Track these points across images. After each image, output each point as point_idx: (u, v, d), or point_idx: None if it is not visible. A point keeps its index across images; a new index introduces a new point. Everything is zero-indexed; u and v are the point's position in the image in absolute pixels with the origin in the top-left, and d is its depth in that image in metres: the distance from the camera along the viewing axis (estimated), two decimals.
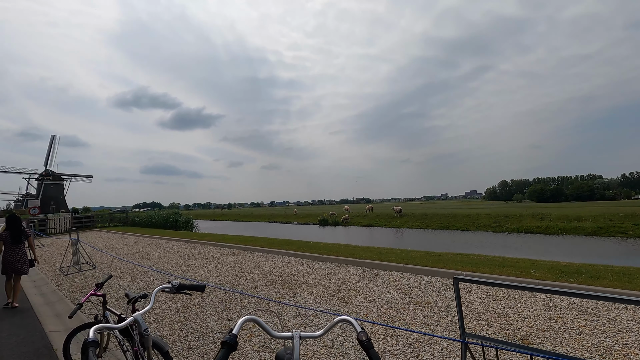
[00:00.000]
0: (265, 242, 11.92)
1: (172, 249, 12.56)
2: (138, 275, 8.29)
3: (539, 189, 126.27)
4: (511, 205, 68.18)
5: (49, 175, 40.64)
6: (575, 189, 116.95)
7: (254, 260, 9.30)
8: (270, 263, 8.83)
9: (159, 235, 16.83)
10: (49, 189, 40.74)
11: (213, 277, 7.63)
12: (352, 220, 33.17)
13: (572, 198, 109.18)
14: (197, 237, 14.63)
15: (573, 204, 54.34)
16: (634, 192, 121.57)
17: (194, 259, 10.17)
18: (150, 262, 10.04)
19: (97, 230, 23.85)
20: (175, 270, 8.59)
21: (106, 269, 9.32)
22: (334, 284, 6.47)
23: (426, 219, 28.14)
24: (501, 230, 22.07)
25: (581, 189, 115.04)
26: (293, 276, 7.28)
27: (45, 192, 40.11)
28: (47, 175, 40.50)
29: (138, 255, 11.52)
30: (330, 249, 9.72)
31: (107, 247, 14.23)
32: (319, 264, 8.34)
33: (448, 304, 4.90)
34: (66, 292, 7.26)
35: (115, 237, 18.50)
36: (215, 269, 8.49)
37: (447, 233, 23.18)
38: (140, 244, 14.48)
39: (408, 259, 7.69)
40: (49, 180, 40.60)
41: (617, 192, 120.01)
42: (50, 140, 40.93)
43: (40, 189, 40.11)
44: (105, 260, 10.84)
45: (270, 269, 8.17)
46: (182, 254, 11.10)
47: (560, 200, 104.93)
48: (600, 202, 75.55)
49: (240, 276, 7.58)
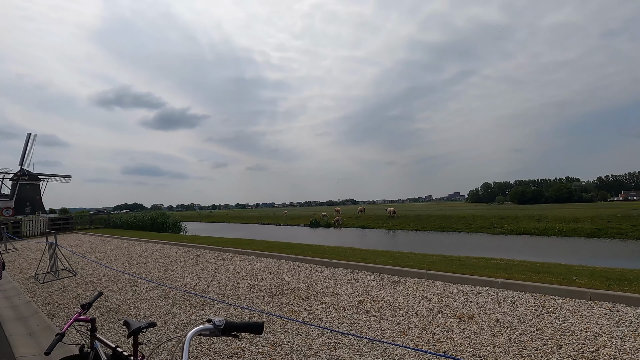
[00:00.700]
0: (264, 246, 11.09)
1: (160, 253, 11.58)
2: (125, 284, 7.36)
3: (520, 191, 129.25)
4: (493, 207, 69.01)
5: (24, 175, 38.62)
6: (555, 191, 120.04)
7: (255, 266, 8.48)
8: (274, 269, 8.03)
9: (145, 238, 15.72)
10: (25, 189, 38.72)
11: (212, 286, 6.79)
12: (345, 222, 32.53)
13: (552, 200, 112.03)
14: (187, 240, 13.65)
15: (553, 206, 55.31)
16: (609, 195, 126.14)
17: (186, 264, 9.26)
18: (138, 268, 9.08)
19: (77, 232, 22.39)
20: (167, 278, 7.69)
21: (88, 277, 8.33)
22: (352, 293, 5.75)
23: (421, 221, 27.78)
24: (498, 232, 21.85)
25: (560, 191, 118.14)
26: (304, 284, 6.52)
27: (21, 193, 38.08)
28: (22, 175, 38.47)
29: (123, 260, 10.51)
30: (338, 253, 9.00)
31: (87, 251, 13.10)
32: (329, 270, 7.60)
33: (497, 319, 4.25)
34: (42, 305, 6.29)
35: (97, 240, 17.26)
36: (213, 276, 7.63)
37: (445, 235, 22.78)
38: (124, 248, 13.39)
39: (428, 264, 7.05)
40: (25, 181, 38.58)
41: (594, 194, 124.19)
42: (26, 139, 38.97)
43: (15, 189, 38.02)
44: (87, 266, 9.80)
45: (275, 275, 7.38)
46: (173, 259, 10.16)
47: (541, 202, 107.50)
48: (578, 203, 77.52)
49: (243, 284, 6.77)
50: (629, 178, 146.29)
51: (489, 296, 5.12)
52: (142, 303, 5.93)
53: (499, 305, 4.74)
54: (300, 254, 9.08)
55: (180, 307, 5.60)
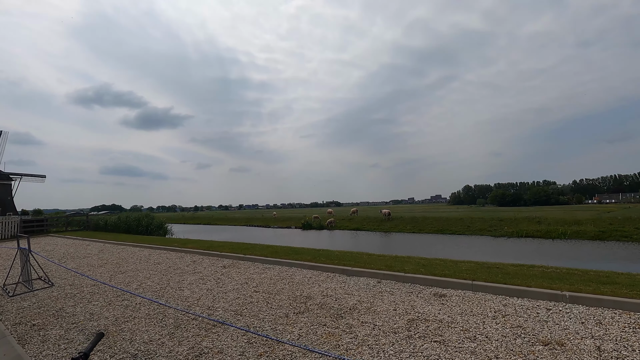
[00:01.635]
0: (268, 251, 10.06)
1: (150, 259, 10.37)
2: (113, 298, 6.22)
3: (500, 194, 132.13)
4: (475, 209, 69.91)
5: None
6: (533, 194, 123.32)
7: (264, 275, 7.46)
8: (288, 278, 7.04)
9: (130, 242, 14.38)
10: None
11: (219, 300, 5.75)
12: (337, 224, 31.60)
13: (531, 202, 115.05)
14: (179, 244, 12.43)
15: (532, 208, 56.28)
16: (584, 197, 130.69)
17: (183, 272, 8.15)
18: (126, 277, 7.90)
19: (52, 235, 20.62)
20: (163, 290, 6.58)
21: (67, 288, 7.11)
22: (394, 309, 4.86)
23: (417, 223, 27.16)
24: (499, 235, 21.42)
25: (538, 194, 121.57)
26: (330, 298, 5.57)
27: None
28: None
29: (107, 267, 9.26)
30: (355, 259, 8.09)
31: (65, 257, 11.71)
32: (353, 280, 6.67)
33: (597, 346, 3.43)
34: (11, 324, 5.13)
35: (75, 243, 15.75)
36: (217, 287, 6.58)
37: (445, 238, 22.17)
38: (107, 253, 12.07)
39: (467, 273, 6.23)
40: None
41: (570, 197, 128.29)
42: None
43: None
44: (65, 274, 8.53)
45: (292, 287, 6.40)
46: (166, 266, 9.00)
47: (520, 205, 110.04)
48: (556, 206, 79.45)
49: (256, 298, 5.76)
50: (602, 182, 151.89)
51: (563, 314, 4.32)
52: (137, 323, 4.85)
53: (583, 325, 3.95)
54: (312, 261, 8.12)
55: (186, 329, 4.57)
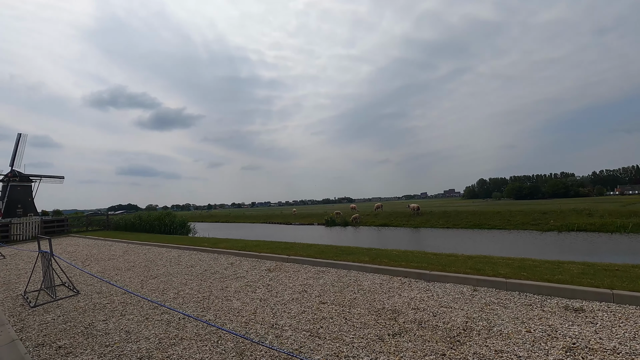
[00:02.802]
0: (313, 250, 8.92)
1: (181, 260, 9.38)
2: (150, 310, 5.17)
3: (516, 187, 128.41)
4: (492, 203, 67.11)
5: (15, 176, 36.34)
6: (552, 186, 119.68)
7: (322, 280, 6.32)
8: (353, 285, 5.88)
9: (155, 242, 13.50)
10: (16, 191, 36.40)
11: (282, 315, 4.63)
12: (363, 220, 30.32)
13: (549, 195, 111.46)
14: (209, 244, 11.42)
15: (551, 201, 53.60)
16: (605, 189, 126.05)
17: (223, 277, 7.08)
18: (160, 283, 6.88)
19: (73, 235, 20.06)
20: (207, 301, 5.51)
21: (94, 296, 6.13)
22: (529, 332, 3.63)
23: (450, 218, 25.58)
24: (547, 229, 19.78)
25: (557, 186, 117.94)
26: (425, 313, 4.37)
27: (12, 195, 35.76)
28: (13, 177, 36.19)
29: (136, 271, 8.30)
30: (420, 260, 6.87)
31: (88, 258, 10.87)
32: (439, 287, 5.46)
33: None
34: (33, 346, 4.14)
35: (97, 244, 15.00)
36: (272, 297, 5.47)
37: (486, 233, 20.61)
38: (133, 254, 11.18)
39: (583, 277, 4.94)
40: (16, 182, 36.27)
41: (590, 189, 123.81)
42: (16, 139, 36.63)
43: (6, 191, 35.72)
44: (90, 280, 7.59)
45: (365, 296, 5.23)
46: (201, 269, 7.97)
47: (538, 198, 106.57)
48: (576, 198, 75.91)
49: (327, 312, 4.62)
50: (623, 172, 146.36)
51: None
52: (187, 347, 3.77)
53: None
54: (373, 262, 6.94)
55: (254, 358, 3.46)
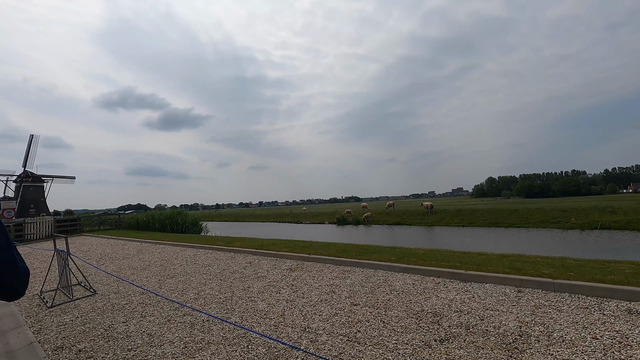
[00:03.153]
0: (333, 249, 8.59)
1: (197, 260, 9.15)
2: (171, 312, 4.92)
3: (527, 185, 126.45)
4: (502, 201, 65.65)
5: (27, 176, 36.90)
6: (562, 184, 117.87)
7: (349, 280, 5.99)
8: (385, 285, 5.54)
9: (168, 241, 13.33)
10: (29, 191, 37.02)
11: (314, 318, 4.32)
12: (375, 218, 29.88)
13: (560, 193, 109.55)
14: (224, 243, 11.19)
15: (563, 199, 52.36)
16: (618, 187, 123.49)
17: (244, 277, 6.81)
18: (178, 282, 6.64)
19: (86, 235, 20.07)
20: (230, 301, 5.23)
21: (112, 296, 5.91)
22: (595, 338, 3.26)
23: (465, 216, 25.00)
24: (569, 227, 19.15)
25: (568, 184, 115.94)
26: (470, 316, 4.02)
27: (25, 195, 36.36)
28: (25, 177, 36.74)
29: (152, 270, 8.08)
30: (458, 259, 6.51)
31: (103, 257, 10.72)
32: (478, 288, 5.09)
33: None
34: (52, 349, 3.91)
35: (111, 243, 14.90)
36: (299, 298, 5.16)
37: (505, 232, 19.95)
38: (147, 253, 11.00)
39: (629, 276, 4.54)
40: (28, 182, 36.86)
41: (603, 186, 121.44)
42: (29, 140, 37.32)
43: (19, 191, 36.23)
44: (106, 280, 7.38)
45: (400, 298, 4.89)
46: (219, 269, 7.72)
47: (548, 196, 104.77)
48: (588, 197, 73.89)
49: (363, 314, 4.30)
50: (636, 170, 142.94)
51: None
52: (215, 353, 3.50)
53: None
54: (400, 261, 6.60)
55: None
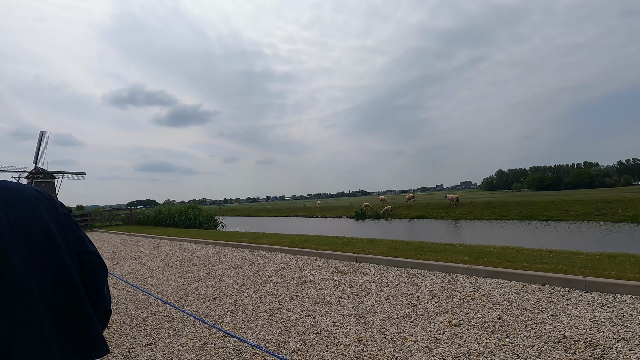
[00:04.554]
0: (383, 247, 7.37)
1: (222, 259, 8.03)
2: (208, 332, 3.74)
3: (538, 178, 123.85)
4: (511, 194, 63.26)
5: (39, 173, 36.67)
6: (575, 176, 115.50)
7: (423, 287, 4.78)
8: (477, 296, 4.32)
9: (185, 237, 12.30)
10: (40, 187, 36.69)
11: (410, 348, 3.12)
12: (395, 212, 28.54)
13: (572, 186, 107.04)
14: (249, 239, 10.04)
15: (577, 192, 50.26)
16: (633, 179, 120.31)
17: (285, 281, 5.64)
18: (206, 289, 5.49)
19: (97, 230, 19.26)
20: (278, 317, 4.06)
21: (129, 306, 4.77)
22: None
23: (496, 209, 23.49)
24: (618, 220, 17.66)
25: (581, 176, 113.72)
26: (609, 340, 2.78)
27: None
28: (37, 174, 36.50)
29: (173, 272, 6.97)
30: (540, 259, 5.25)
31: (116, 256, 9.69)
32: (615, 302, 3.85)
33: None
34: None
35: (123, 239, 13.96)
36: (371, 314, 3.96)
37: (547, 225, 18.34)
38: (164, 251, 9.95)
39: None
40: (40, 179, 36.60)
41: (617, 178, 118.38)
42: (39, 136, 36.96)
43: None
44: (120, 284, 6.28)
45: (512, 314, 3.66)
46: (252, 271, 6.57)
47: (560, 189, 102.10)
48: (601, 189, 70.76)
49: (475, 341, 3.08)
50: None
51: None
52: None
53: None
54: (478, 263, 5.36)
55: None
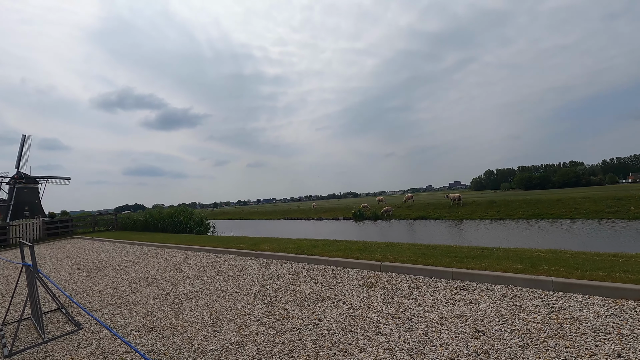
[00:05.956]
0: (409, 253, 6.35)
1: (218, 269, 6.92)
2: None
3: (525, 177, 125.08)
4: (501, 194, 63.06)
5: (21, 178, 35.01)
6: (562, 175, 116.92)
7: (481, 307, 3.78)
8: (559, 318, 3.34)
9: (175, 243, 11.10)
10: (23, 193, 35.19)
11: None
12: (395, 213, 27.59)
13: (559, 185, 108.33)
14: (248, 246, 8.90)
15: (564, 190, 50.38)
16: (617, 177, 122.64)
17: (299, 299, 4.58)
18: (201, 309, 4.40)
19: (79, 237, 17.82)
20: (302, 353, 3.02)
21: (104, 336, 3.65)
22: None
23: (501, 207, 22.74)
24: (633, 217, 16.99)
25: (567, 175, 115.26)
26: None
27: (19, 197, 34.56)
28: (19, 179, 34.84)
29: (160, 286, 5.85)
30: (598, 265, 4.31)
31: (96, 266, 8.48)
32: None
33: None
34: None
35: (106, 247, 12.66)
36: (429, 348, 2.95)
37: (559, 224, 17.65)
38: (150, 260, 8.77)
39: None
40: (22, 184, 34.95)
41: (602, 177, 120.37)
42: (21, 141, 35.50)
43: (13, 193, 34.35)
44: (98, 303, 5.14)
45: (628, 346, 2.69)
46: (255, 284, 5.49)
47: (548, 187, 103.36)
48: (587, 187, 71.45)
49: None
50: (634, 160, 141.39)
51: None
52: None
53: None
54: (540, 272, 4.40)
55: None
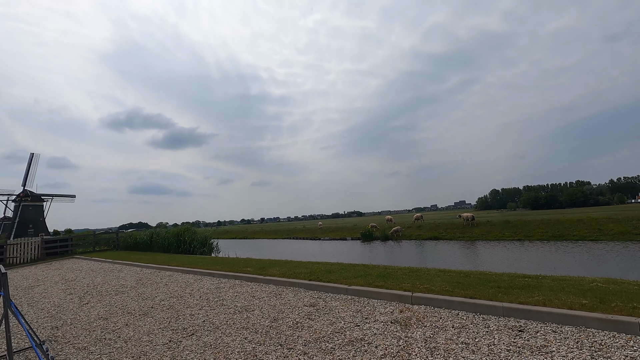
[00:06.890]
0: (442, 281, 5.53)
1: (222, 297, 6.13)
2: None
3: (532, 197, 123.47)
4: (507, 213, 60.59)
5: (27, 196, 34.78)
6: (569, 195, 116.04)
7: (555, 357, 2.98)
8: None
9: (176, 265, 10.34)
10: (28, 210, 34.86)
11: None
12: (405, 233, 26.55)
13: (567, 204, 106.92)
14: (254, 270, 8.10)
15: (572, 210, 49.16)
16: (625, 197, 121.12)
17: (319, 339, 3.79)
18: (203, 350, 3.62)
19: (78, 257, 17.10)
20: None
21: None
22: None
23: (518, 228, 21.79)
24: None
25: (575, 195, 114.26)
26: None
27: (23, 215, 34.18)
28: (25, 196, 34.61)
29: (157, 317, 5.08)
30: None
31: (89, 292, 7.73)
32: None
33: None
34: None
35: (104, 268, 11.93)
36: None
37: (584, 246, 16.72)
38: (149, 285, 8.01)
39: None
40: (27, 202, 34.64)
41: (610, 197, 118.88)
42: (29, 158, 35.45)
43: (18, 211, 34.00)
44: (86, 337, 4.36)
45: None
46: (266, 318, 4.70)
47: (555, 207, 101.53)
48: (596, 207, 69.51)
49: None
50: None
51: None
52: None
53: None
54: (625, 312, 3.59)
55: None
